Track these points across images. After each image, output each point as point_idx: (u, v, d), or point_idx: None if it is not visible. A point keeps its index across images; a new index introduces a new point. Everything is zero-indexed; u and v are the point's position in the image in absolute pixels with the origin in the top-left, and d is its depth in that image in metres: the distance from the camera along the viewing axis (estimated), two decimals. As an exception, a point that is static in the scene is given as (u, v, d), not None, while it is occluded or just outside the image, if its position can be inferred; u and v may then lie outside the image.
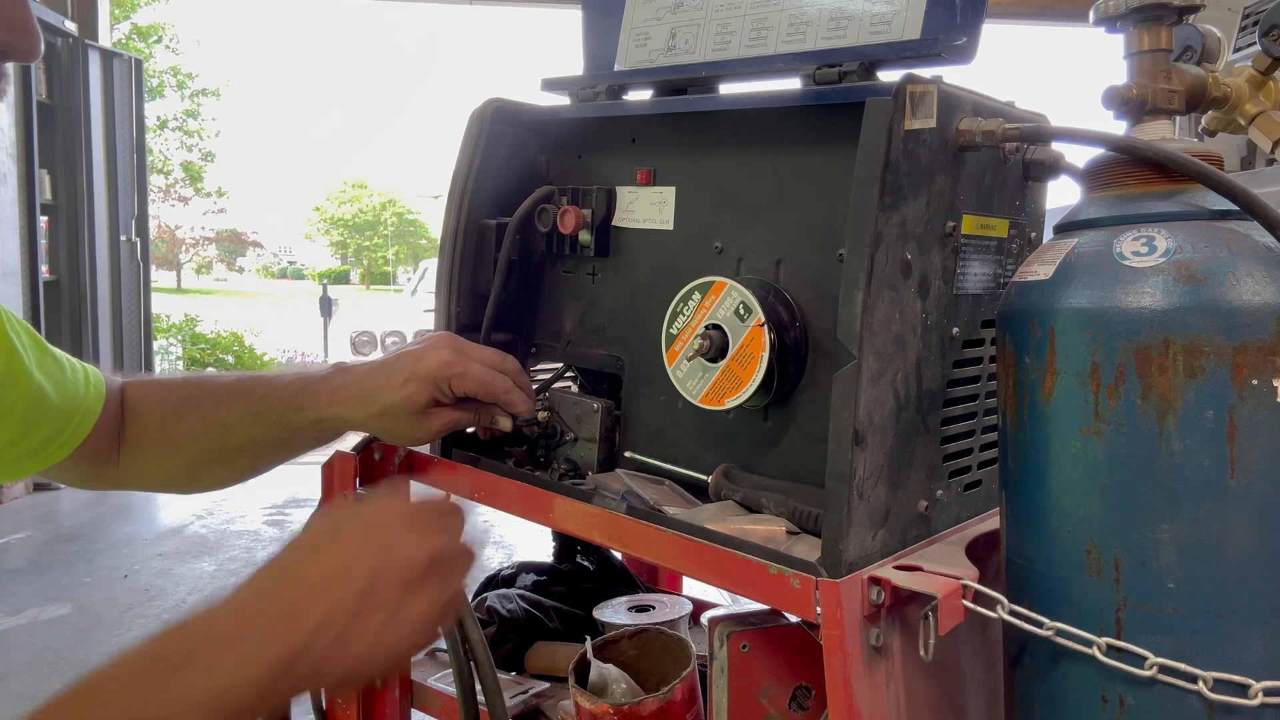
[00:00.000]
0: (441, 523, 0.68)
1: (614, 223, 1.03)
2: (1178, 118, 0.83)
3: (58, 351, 0.95)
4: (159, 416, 0.98)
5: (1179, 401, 0.66)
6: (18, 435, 0.89)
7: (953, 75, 0.81)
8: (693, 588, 1.42)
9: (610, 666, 0.92)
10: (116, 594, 3.55)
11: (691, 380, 0.88)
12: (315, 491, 1.09)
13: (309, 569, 0.62)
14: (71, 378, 0.94)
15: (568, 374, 1.12)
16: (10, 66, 0.72)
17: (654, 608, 1.18)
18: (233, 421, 0.95)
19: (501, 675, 1.17)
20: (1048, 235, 0.83)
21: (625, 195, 1.02)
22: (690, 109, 0.97)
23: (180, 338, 10.57)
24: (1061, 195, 0.93)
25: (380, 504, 0.67)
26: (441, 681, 1.15)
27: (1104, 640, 0.68)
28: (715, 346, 0.86)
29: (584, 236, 1.03)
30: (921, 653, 0.69)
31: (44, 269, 5.22)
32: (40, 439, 0.91)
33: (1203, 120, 1.18)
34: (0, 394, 0.86)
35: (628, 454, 1.00)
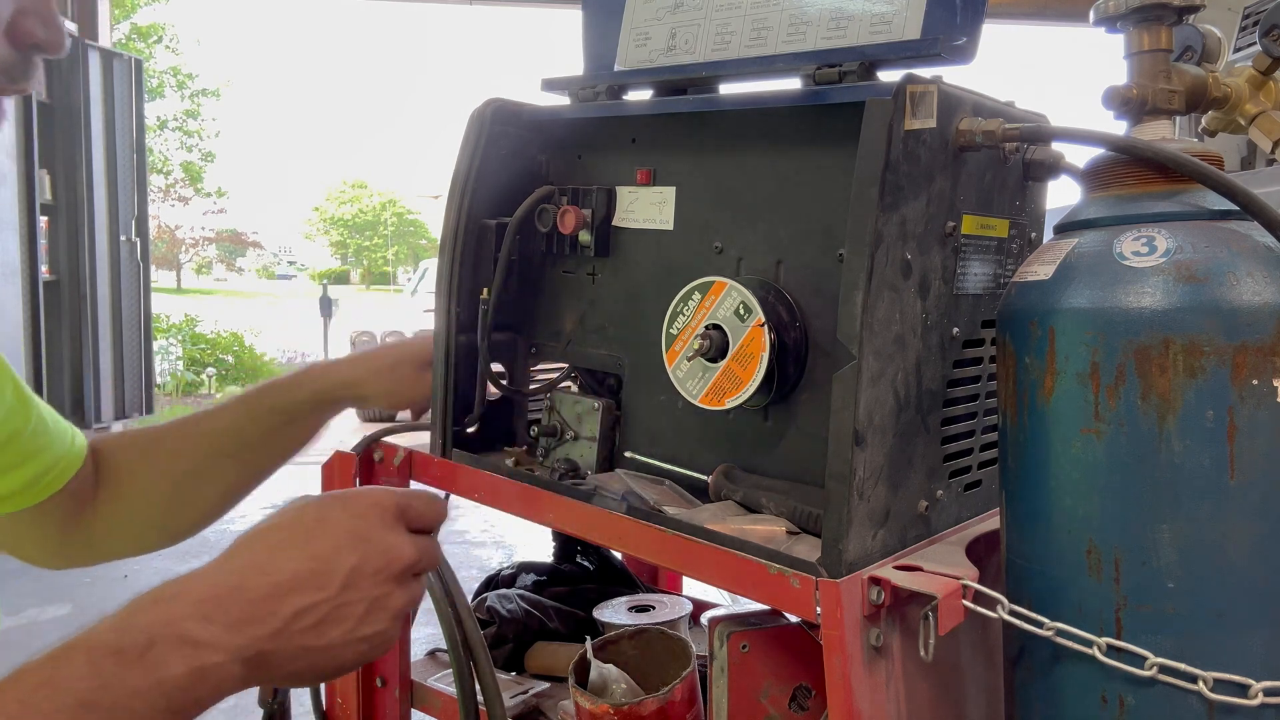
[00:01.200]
0: (428, 518, 0.68)
1: (614, 223, 1.03)
2: (1178, 118, 0.83)
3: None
4: (137, 450, 0.97)
5: (1179, 401, 0.66)
6: (17, 460, 0.87)
7: (953, 75, 0.81)
8: (693, 588, 1.42)
9: (610, 666, 0.92)
10: (116, 594, 3.55)
11: (691, 380, 0.89)
12: (315, 492, 1.09)
13: (292, 555, 0.60)
14: (61, 422, 0.94)
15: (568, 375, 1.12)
16: (39, 62, 0.72)
17: (654, 608, 1.18)
18: (222, 427, 0.95)
19: (501, 675, 1.17)
20: (1048, 235, 0.83)
21: (625, 195, 1.02)
22: (690, 109, 0.97)
23: (180, 338, 10.57)
24: (1061, 195, 0.93)
25: (371, 495, 0.65)
26: (441, 682, 1.15)
27: (1104, 640, 0.68)
28: (715, 346, 0.86)
29: (584, 236, 1.03)
30: (921, 653, 0.69)
31: (44, 269, 5.23)
32: (36, 470, 0.89)
33: (1203, 120, 1.18)
34: (8, 418, 0.86)
35: (628, 454, 1.00)
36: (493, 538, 4.25)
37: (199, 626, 0.55)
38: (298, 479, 1.04)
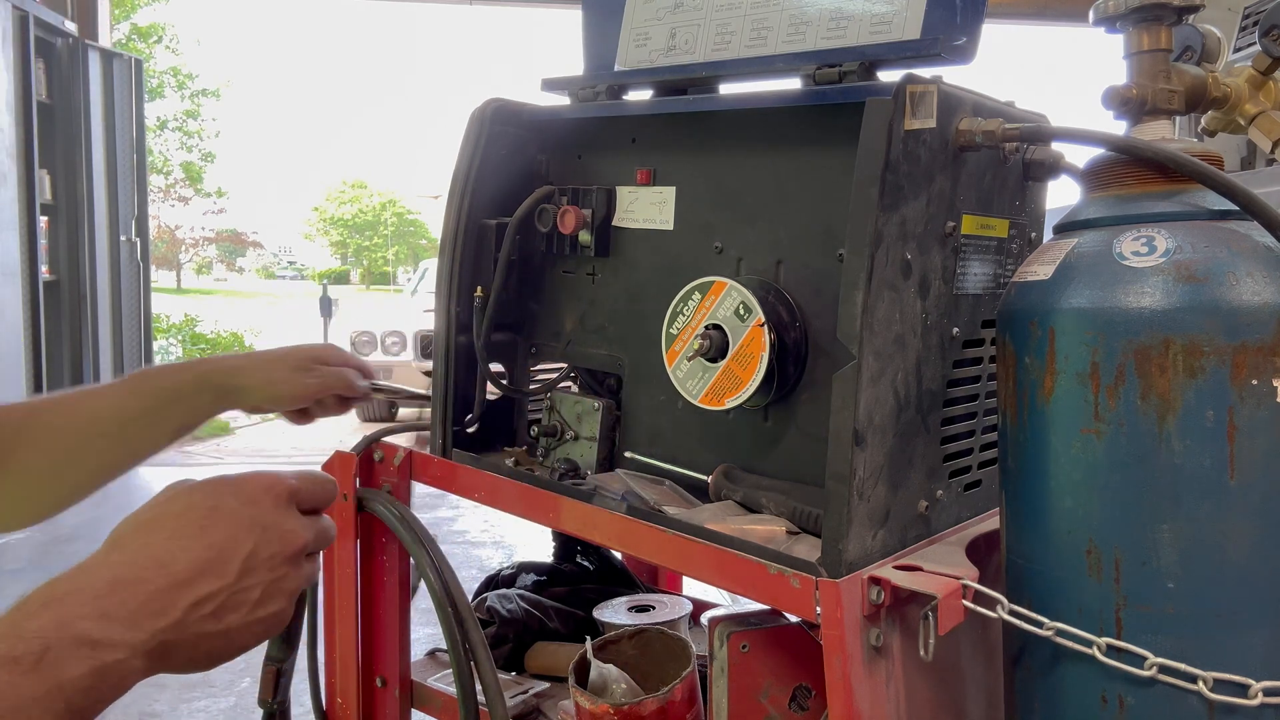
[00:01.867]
0: (320, 498, 0.67)
1: (614, 223, 1.03)
2: (1177, 118, 0.83)
3: None
4: (10, 428, 0.94)
5: (1179, 401, 0.66)
6: None
7: (953, 75, 0.81)
8: (693, 588, 1.42)
9: (610, 666, 0.92)
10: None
11: (691, 380, 0.88)
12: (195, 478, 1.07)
13: (188, 545, 0.59)
14: None
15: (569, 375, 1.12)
16: None
17: (654, 608, 1.18)
18: (104, 406, 0.95)
19: (501, 675, 1.17)
20: (1048, 235, 0.83)
21: (625, 195, 1.02)
22: (690, 109, 0.97)
23: (180, 338, 10.57)
24: (1061, 195, 0.93)
25: (261, 480, 0.64)
26: (441, 682, 1.15)
27: (1104, 640, 0.68)
28: (715, 346, 0.86)
29: (584, 236, 1.03)
30: (921, 653, 0.69)
31: (44, 269, 5.22)
32: None
33: (1202, 120, 1.18)
34: None
35: (627, 454, 1.00)
36: (493, 538, 4.24)
37: (97, 625, 0.53)
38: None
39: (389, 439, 1.10)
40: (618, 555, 1.37)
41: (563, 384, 1.12)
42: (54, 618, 0.53)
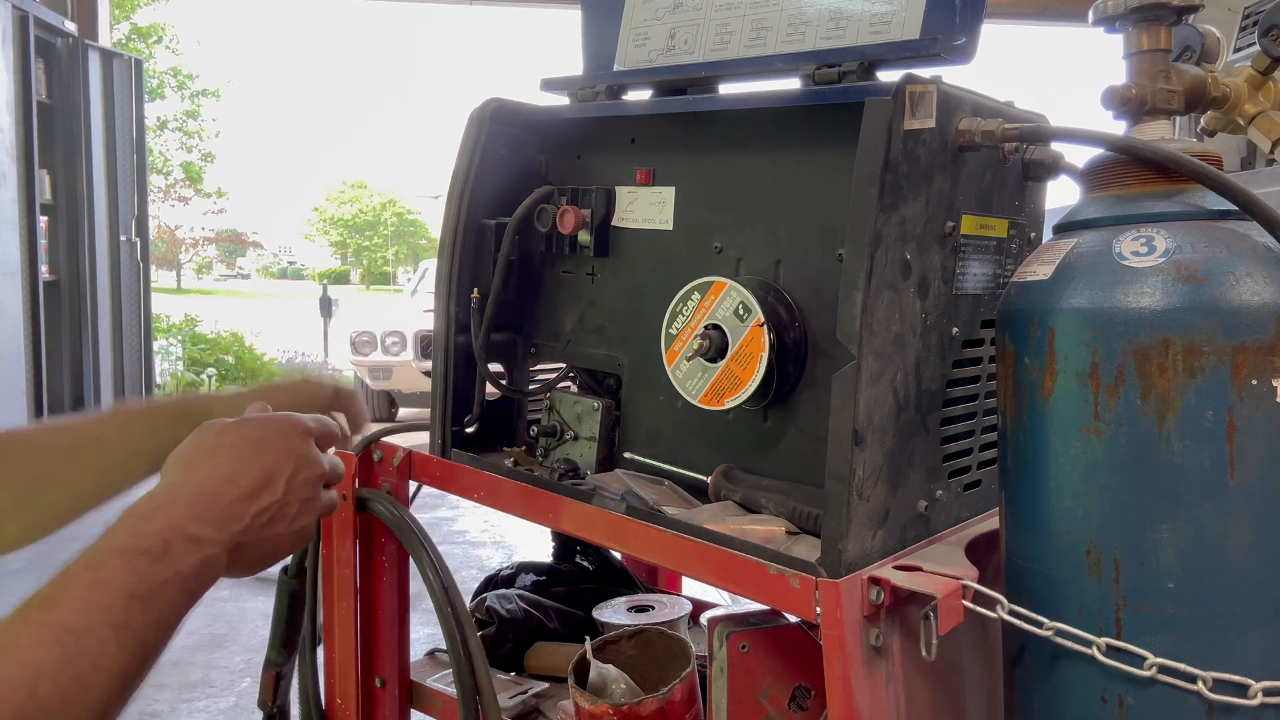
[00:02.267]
0: (329, 438, 0.81)
1: (613, 223, 1.03)
2: (1177, 118, 0.83)
3: None
4: None
5: (1178, 401, 0.66)
6: None
7: (952, 75, 0.81)
8: (693, 588, 1.42)
9: (610, 667, 0.92)
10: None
11: (691, 380, 0.88)
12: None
13: (249, 467, 0.73)
14: None
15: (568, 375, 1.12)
16: None
17: (653, 608, 1.18)
18: (84, 433, 0.94)
19: (501, 675, 1.17)
20: (1047, 235, 0.83)
21: (625, 195, 1.02)
22: (689, 109, 0.97)
23: (180, 338, 10.57)
24: (1061, 195, 0.93)
25: (290, 419, 0.78)
26: (441, 682, 1.15)
27: (1104, 640, 0.68)
28: (715, 346, 0.86)
29: (583, 236, 1.03)
30: (922, 653, 0.69)
31: (44, 269, 5.22)
32: None
33: (1202, 120, 1.18)
34: None
35: (627, 454, 1.00)
36: (493, 538, 4.24)
37: (198, 527, 0.67)
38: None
39: (388, 439, 1.10)
40: (617, 555, 1.37)
41: (562, 384, 1.12)
42: (166, 519, 0.66)
